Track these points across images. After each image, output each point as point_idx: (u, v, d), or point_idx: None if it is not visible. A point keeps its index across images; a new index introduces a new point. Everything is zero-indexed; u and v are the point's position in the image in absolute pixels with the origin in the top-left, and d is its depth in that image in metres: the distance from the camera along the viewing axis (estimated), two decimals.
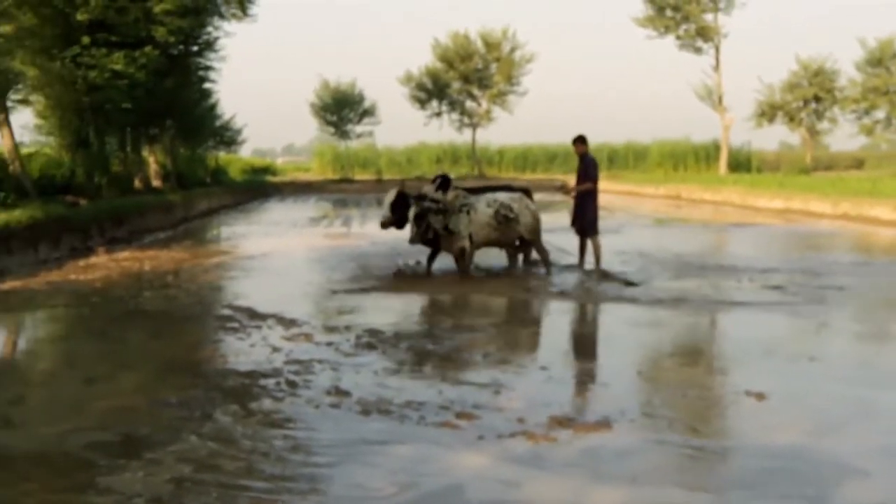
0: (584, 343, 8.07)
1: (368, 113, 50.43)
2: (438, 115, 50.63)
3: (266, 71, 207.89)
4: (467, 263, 10.95)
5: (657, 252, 13.72)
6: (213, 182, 34.63)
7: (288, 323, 8.06)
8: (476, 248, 10.99)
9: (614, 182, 40.67)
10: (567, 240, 12.79)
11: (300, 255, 14.34)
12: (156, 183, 25.83)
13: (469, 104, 50.60)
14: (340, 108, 49.81)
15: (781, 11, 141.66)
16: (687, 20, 41.33)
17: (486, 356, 6.81)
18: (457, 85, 49.84)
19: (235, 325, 8.09)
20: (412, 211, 10.65)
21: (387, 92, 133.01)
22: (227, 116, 38.49)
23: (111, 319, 8.74)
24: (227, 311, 8.85)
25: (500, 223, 10.82)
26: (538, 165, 53.79)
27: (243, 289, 10.55)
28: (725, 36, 41.52)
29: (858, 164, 54.96)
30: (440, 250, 11.03)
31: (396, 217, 10.89)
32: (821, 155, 54.73)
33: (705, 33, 41.40)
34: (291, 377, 6.09)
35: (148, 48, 19.58)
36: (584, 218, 11.51)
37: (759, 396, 5.57)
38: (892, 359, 7.33)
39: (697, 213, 24.97)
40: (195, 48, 24.76)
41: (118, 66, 18.84)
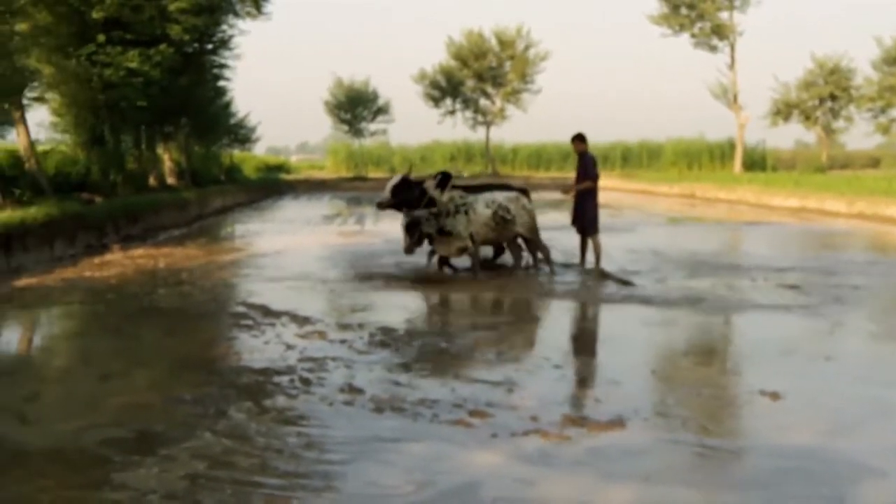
0: (597, 342, 8.04)
1: (382, 111, 50.47)
2: (452, 113, 50.60)
3: (280, 69, 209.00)
4: (475, 263, 10.98)
5: (671, 251, 13.69)
6: (227, 180, 34.76)
7: (301, 320, 8.09)
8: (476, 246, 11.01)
9: (628, 181, 40.57)
10: (567, 239, 12.79)
11: (314, 252, 14.36)
12: (170, 180, 25.97)
13: (483, 102, 50.52)
14: (354, 106, 49.87)
15: (797, 9, 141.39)
16: (702, 18, 41.20)
17: (499, 354, 6.82)
18: (471, 83, 49.74)
19: (249, 322, 8.13)
20: (403, 221, 10.69)
21: (401, 90, 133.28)
22: (241, 114, 38.71)
23: (126, 316, 8.78)
24: (241, 309, 8.88)
25: (498, 224, 10.86)
26: (552, 164, 53.60)
27: (257, 286, 10.56)
28: (741, 34, 41.40)
29: (874, 162, 54.58)
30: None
31: (396, 201, 10.80)
32: (836, 154, 54.39)
33: (720, 31, 41.24)
34: (305, 374, 6.11)
35: (163, 46, 19.71)
36: (584, 217, 11.50)
37: (774, 396, 5.54)
38: None
39: (712, 212, 24.84)
40: (210, 46, 24.83)
41: (133, 64, 18.97)
